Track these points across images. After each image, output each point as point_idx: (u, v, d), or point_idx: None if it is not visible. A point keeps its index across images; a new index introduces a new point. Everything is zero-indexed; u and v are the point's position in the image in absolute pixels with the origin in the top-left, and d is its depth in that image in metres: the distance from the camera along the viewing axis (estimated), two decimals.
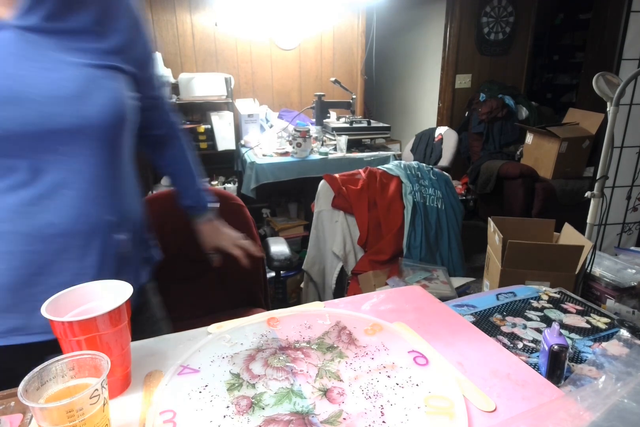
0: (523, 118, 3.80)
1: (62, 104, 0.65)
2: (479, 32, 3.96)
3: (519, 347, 0.85)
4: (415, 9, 4.33)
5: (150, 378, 0.72)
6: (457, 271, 2.18)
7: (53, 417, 0.52)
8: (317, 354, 0.77)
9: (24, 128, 0.63)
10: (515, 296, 1.05)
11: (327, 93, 3.25)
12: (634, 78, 1.67)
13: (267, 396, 0.67)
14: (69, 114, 0.65)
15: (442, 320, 0.89)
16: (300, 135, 2.63)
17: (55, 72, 0.64)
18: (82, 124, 0.66)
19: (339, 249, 2.09)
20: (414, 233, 2.10)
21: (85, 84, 0.66)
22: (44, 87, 0.63)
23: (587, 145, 3.04)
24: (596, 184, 1.74)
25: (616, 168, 2.50)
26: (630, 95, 2.36)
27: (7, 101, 0.62)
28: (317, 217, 2.10)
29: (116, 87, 0.70)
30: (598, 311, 0.98)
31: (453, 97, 4.09)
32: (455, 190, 2.30)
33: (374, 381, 0.70)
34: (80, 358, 0.60)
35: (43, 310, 0.64)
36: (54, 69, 0.64)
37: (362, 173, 2.18)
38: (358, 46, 3.61)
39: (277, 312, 0.91)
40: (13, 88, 0.62)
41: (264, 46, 3.37)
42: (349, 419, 0.62)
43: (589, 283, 1.65)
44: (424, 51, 4.38)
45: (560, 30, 5.23)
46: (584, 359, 0.81)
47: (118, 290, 0.72)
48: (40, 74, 0.63)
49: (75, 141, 0.66)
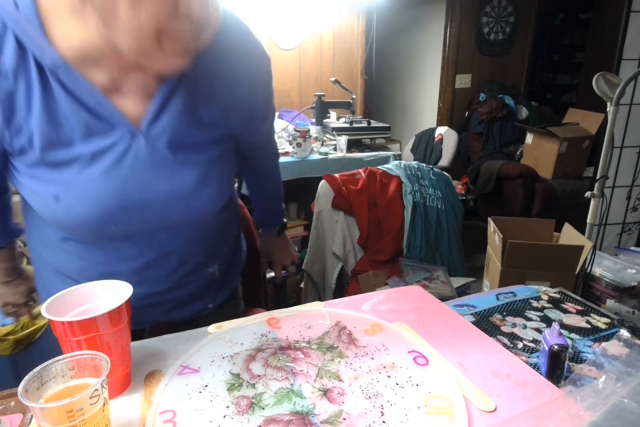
0: (523, 118, 3.80)
1: (177, 202, 0.70)
2: (479, 32, 3.96)
3: (519, 347, 0.85)
4: (415, 9, 4.33)
5: (150, 378, 0.72)
6: (457, 271, 2.18)
7: (53, 417, 0.52)
8: (317, 354, 0.77)
9: (140, 227, 0.70)
10: (515, 296, 1.05)
11: (327, 93, 3.25)
12: (634, 78, 1.67)
13: (267, 396, 0.67)
14: (181, 210, 0.71)
15: (442, 320, 0.89)
16: (300, 135, 2.63)
17: (174, 174, 0.68)
18: (192, 216, 0.73)
19: (339, 249, 2.09)
20: (414, 233, 2.10)
21: (198, 181, 0.70)
22: (164, 192, 0.68)
23: (587, 145, 3.04)
24: (596, 184, 1.74)
25: (616, 168, 2.50)
26: (630, 95, 2.36)
27: (133, 207, 0.67)
28: (317, 217, 2.10)
29: (223, 177, 0.74)
30: (598, 311, 0.98)
31: (453, 97, 4.09)
32: (455, 190, 2.30)
33: (374, 381, 0.70)
34: (80, 358, 0.60)
35: (43, 310, 0.64)
36: (174, 171, 0.68)
37: (362, 173, 2.18)
38: (358, 46, 3.61)
39: (277, 312, 0.91)
40: (140, 197, 0.67)
41: (264, 46, 3.37)
42: (349, 419, 0.62)
43: (589, 283, 1.65)
44: (424, 51, 4.38)
45: (560, 30, 5.22)
46: (584, 359, 0.81)
47: (118, 290, 0.71)
48: (163, 181, 0.68)
49: (183, 227, 0.74)
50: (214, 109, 0.69)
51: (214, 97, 0.69)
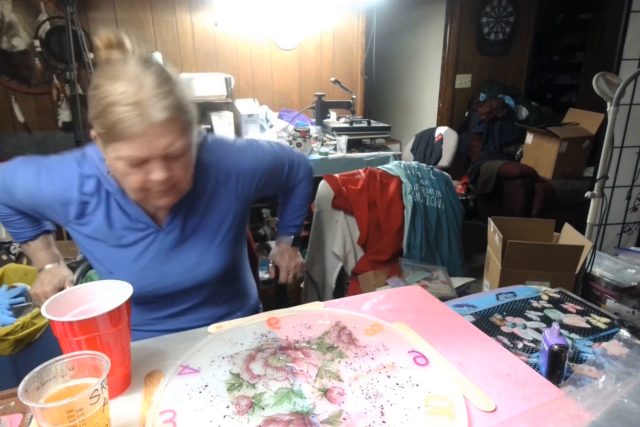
0: (523, 118, 3.79)
1: (186, 274, 0.99)
2: (479, 32, 3.96)
3: (519, 347, 0.85)
4: (415, 9, 4.33)
5: (150, 378, 0.72)
6: (457, 271, 2.18)
7: (53, 417, 0.52)
8: (317, 354, 0.77)
9: (164, 291, 0.99)
10: (515, 296, 1.05)
11: (327, 93, 3.25)
12: (634, 78, 1.67)
13: (267, 396, 0.67)
14: (189, 279, 0.99)
15: (442, 320, 0.89)
16: (300, 135, 2.63)
17: (183, 255, 0.98)
18: (198, 283, 1.00)
19: (339, 249, 2.09)
20: (414, 233, 2.10)
21: (201, 257, 0.99)
22: (176, 267, 0.98)
23: (587, 145, 3.03)
24: (596, 184, 1.74)
25: (616, 168, 2.49)
26: (630, 95, 2.36)
27: (158, 277, 0.98)
28: (317, 217, 2.10)
29: (221, 252, 1.01)
30: (598, 311, 0.98)
31: (453, 97, 4.09)
32: (455, 191, 2.30)
33: (374, 381, 0.70)
34: (80, 358, 0.60)
35: (43, 310, 0.64)
36: (182, 253, 0.98)
37: (362, 173, 2.18)
38: (358, 46, 3.61)
39: (277, 312, 0.91)
40: (162, 270, 0.98)
41: (264, 46, 3.37)
42: (349, 419, 0.62)
43: (589, 283, 1.65)
44: (424, 51, 4.38)
45: (560, 30, 5.22)
46: (584, 359, 0.81)
47: (118, 290, 0.72)
48: (176, 260, 0.98)
49: (195, 289, 1.02)
50: (213, 211, 1.00)
51: (208, 205, 0.99)
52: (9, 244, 2.22)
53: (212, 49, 3.25)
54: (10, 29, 2.77)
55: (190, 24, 3.15)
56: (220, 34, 3.23)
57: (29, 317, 1.55)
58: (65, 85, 2.87)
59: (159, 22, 3.08)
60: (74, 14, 2.62)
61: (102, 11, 2.93)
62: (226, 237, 1.01)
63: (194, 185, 0.91)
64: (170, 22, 3.11)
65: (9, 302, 1.66)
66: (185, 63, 3.21)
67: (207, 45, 3.23)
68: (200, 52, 3.23)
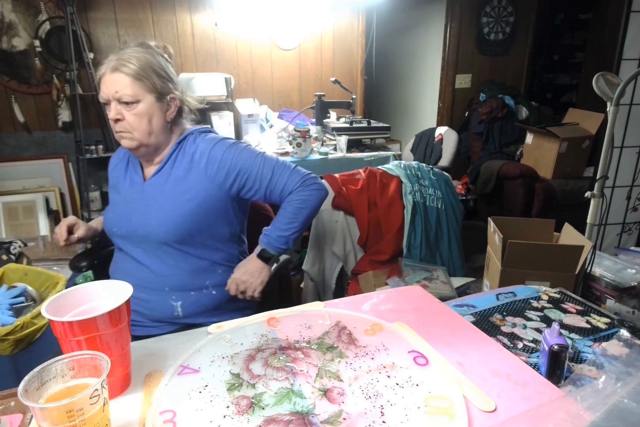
0: (523, 118, 3.79)
1: (140, 223, 1.13)
2: (479, 32, 3.96)
3: (519, 347, 0.85)
4: (415, 9, 4.33)
5: (150, 378, 0.72)
6: (457, 271, 2.18)
7: (53, 417, 0.52)
8: (317, 354, 0.77)
9: (126, 233, 1.16)
10: (515, 296, 1.05)
11: (327, 93, 3.25)
12: (634, 78, 1.67)
13: (267, 396, 0.67)
14: (140, 229, 1.13)
15: (442, 320, 0.89)
16: (300, 135, 2.63)
17: (150, 205, 1.14)
18: (147, 235, 1.13)
19: (339, 249, 2.09)
20: (414, 233, 2.10)
21: (155, 214, 1.13)
22: (141, 212, 1.14)
23: (587, 145, 3.03)
24: (596, 184, 1.74)
25: (616, 168, 2.49)
26: (630, 95, 2.36)
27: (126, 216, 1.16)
28: (317, 217, 2.10)
29: (172, 219, 1.12)
30: (598, 311, 0.98)
31: (453, 97, 4.09)
32: (455, 190, 2.30)
33: (374, 381, 0.70)
34: (80, 358, 0.60)
35: (43, 310, 0.64)
36: (150, 203, 1.14)
37: (362, 173, 2.18)
38: (358, 46, 3.61)
39: (277, 312, 0.91)
40: (132, 211, 1.16)
41: (264, 46, 3.37)
42: (349, 419, 0.62)
43: (589, 283, 1.65)
44: (424, 51, 4.38)
45: (560, 30, 5.22)
46: (584, 359, 0.81)
47: (118, 290, 0.72)
48: (144, 206, 1.14)
49: (148, 242, 1.14)
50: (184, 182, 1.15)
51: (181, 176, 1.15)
52: (9, 244, 2.22)
53: (212, 49, 3.25)
54: (10, 29, 2.77)
55: (190, 24, 3.15)
56: (220, 34, 3.23)
57: (29, 317, 1.55)
58: (65, 85, 2.87)
59: (159, 22, 3.09)
60: (74, 14, 2.62)
61: (102, 11, 2.93)
62: (181, 208, 1.12)
63: (176, 157, 1.16)
64: (170, 22, 3.11)
65: (9, 302, 1.66)
66: (185, 63, 3.21)
67: (207, 45, 3.23)
68: (200, 52, 3.23)
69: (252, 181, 1.16)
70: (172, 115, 1.14)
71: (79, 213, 3.06)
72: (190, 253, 1.15)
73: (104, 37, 2.98)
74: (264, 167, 1.16)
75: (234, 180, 1.15)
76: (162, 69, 1.11)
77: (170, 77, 1.13)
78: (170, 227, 1.11)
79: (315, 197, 1.20)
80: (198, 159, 1.14)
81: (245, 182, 1.16)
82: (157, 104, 1.10)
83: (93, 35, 2.95)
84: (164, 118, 1.13)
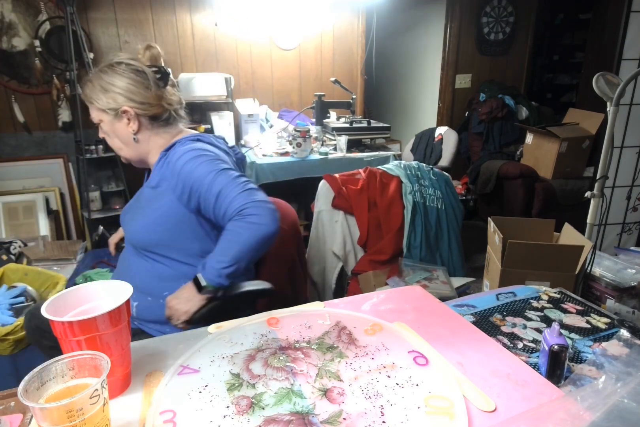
0: (523, 118, 3.79)
1: (126, 223, 1.21)
2: (479, 32, 3.96)
3: (519, 347, 0.85)
4: (415, 9, 4.33)
5: (150, 378, 0.72)
6: (457, 271, 2.18)
7: (53, 417, 0.52)
8: (317, 354, 0.77)
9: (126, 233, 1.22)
10: (515, 296, 1.05)
11: (327, 93, 3.25)
12: (634, 78, 1.67)
13: (267, 396, 0.67)
14: (125, 228, 1.21)
15: (442, 320, 0.89)
16: (300, 135, 2.63)
17: (139, 209, 1.18)
18: (128, 236, 1.19)
19: (339, 249, 2.09)
20: (414, 233, 2.10)
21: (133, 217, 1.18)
22: (130, 215, 1.20)
23: (587, 145, 3.03)
24: (596, 184, 1.74)
25: (616, 168, 2.49)
26: (630, 95, 2.36)
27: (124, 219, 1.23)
28: (317, 217, 2.10)
29: (141, 224, 1.15)
30: (598, 311, 0.98)
31: (453, 97, 4.09)
32: (455, 190, 2.30)
33: (374, 381, 0.70)
34: (80, 358, 0.60)
35: (43, 310, 0.64)
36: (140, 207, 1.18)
37: (362, 173, 2.18)
38: (358, 46, 3.61)
39: (277, 312, 0.91)
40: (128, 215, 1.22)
41: (264, 46, 3.37)
42: (349, 419, 0.62)
43: (589, 283, 1.65)
44: (424, 51, 4.38)
45: (560, 30, 5.22)
46: (584, 359, 0.81)
47: (118, 290, 0.72)
48: (134, 209, 1.20)
49: (127, 242, 1.22)
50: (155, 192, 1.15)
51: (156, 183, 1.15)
52: (9, 244, 2.22)
53: (212, 49, 3.25)
54: (10, 29, 2.77)
55: (190, 24, 3.15)
56: (220, 34, 3.23)
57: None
58: (65, 85, 2.87)
59: (159, 22, 3.08)
60: (74, 14, 2.62)
61: (102, 11, 2.93)
62: (147, 217, 1.14)
63: (162, 165, 1.15)
64: (170, 22, 3.11)
65: (9, 302, 1.66)
66: (185, 63, 3.21)
67: (207, 45, 3.23)
68: (200, 52, 3.23)
69: (203, 200, 1.08)
70: (133, 127, 1.13)
71: (79, 213, 3.06)
72: (156, 260, 1.16)
73: (104, 37, 2.98)
74: (213, 186, 1.05)
75: (189, 196, 1.09)
76: (112, 84, 1.10)
77: (122, 91, 1.10)
78: (137, 233, 1.16)
79: (250, 233, 1.00)
80: (171, 169, 1.11)
81: (199, 201, 1.08)
82: (116, 121, 1.14)
83: (93, 35, 2.95)
84: (129, 132, 1.15)
